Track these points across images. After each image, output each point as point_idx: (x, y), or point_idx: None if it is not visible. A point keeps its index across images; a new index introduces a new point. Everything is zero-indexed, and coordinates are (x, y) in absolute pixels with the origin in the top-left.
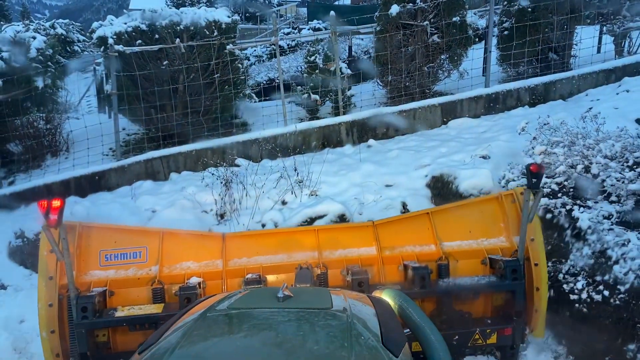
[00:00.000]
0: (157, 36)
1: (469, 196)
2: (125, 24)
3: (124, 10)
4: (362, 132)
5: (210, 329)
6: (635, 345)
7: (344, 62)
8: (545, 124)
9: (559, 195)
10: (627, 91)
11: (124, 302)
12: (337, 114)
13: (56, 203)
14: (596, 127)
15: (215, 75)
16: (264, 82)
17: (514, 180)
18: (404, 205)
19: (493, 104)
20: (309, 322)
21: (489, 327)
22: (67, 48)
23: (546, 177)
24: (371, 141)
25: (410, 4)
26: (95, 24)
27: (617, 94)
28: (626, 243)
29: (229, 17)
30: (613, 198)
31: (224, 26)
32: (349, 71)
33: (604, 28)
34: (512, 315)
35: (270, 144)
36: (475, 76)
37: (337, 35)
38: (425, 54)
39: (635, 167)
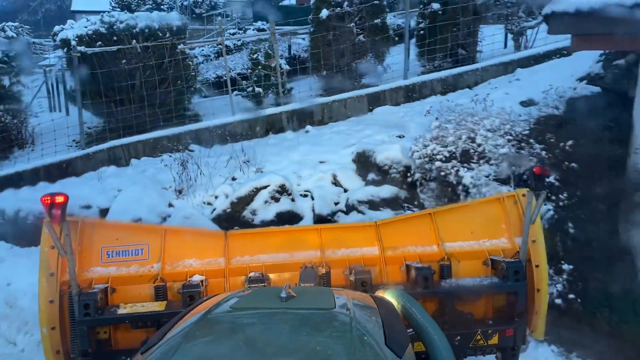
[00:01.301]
0: (115, 38)
1: (384, 166)
2: (86, 27)
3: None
4: (301, 119)
5: (212, 329)
6: None
7: (284, 59)
8: (446, 107)
9: (451, 160)
10: (518, 80)
11: (126, 299)
12: (278, 105)
13: (59, 199)
14: (483, 108)
15: (169, 72)
16: (212, 78)
17: (417, 151)
18: (334, 177)
19: (411, 94)
20: (311, 323)
21: (490, 327)
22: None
23: (440, 145)
24: (308, 127)
25: (338, 8)
26: (57, 28)
27: (510, 82)
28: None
29: (179, 20)
30: (492, 161)
31: (175, 28)
32: (287, 67)
33: (505, 27)
34: (513, 317)
35: (220, 131)
36: (398, 70)
37: (278, 35)
38: (352, 52)
39: (505, 135)
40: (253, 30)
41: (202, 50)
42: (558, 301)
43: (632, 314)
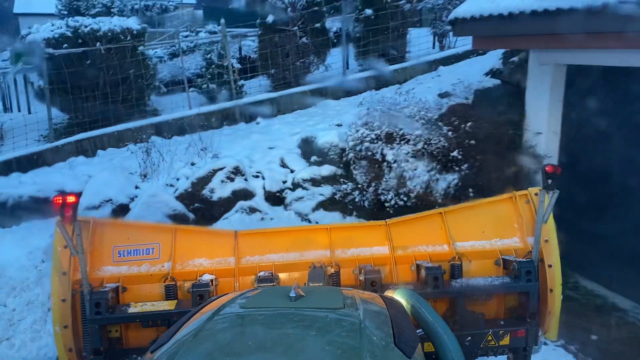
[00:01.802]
0: (80, 40)
1: (324, 149)
2: (52, 31)
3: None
4: (252, 112)
5: (221, 328)
6: None
7: (235, 59)
8: (376, 99)
9: (377, 141)
10: (439, 76)
11: (137, 298)
12: (231, 99)
13: (71, 199)
14: (405, 99)
15: (130, 72)
16: (168, 78)
17: (351, 135)
18: (282, 160)
19: (349, 89)
20: (320, 322)
21: (502, 328)
22: None
23: (369, 130)
24: (259, 119)
25: (283, 14)
26: (24, 31)
27: (433, 78)
28: (416, 168)
29: (139, 24)
30: (410, 142)
31: (135, 32)
32: (239, 66)
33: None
34: (525, 317)
35: (179, 123)
36: (338, 68)
37: (229, 37)
38: (297, 53)
39: (420, 120)
40: (205, 32)
41: (155, 52)
42: None
43: None
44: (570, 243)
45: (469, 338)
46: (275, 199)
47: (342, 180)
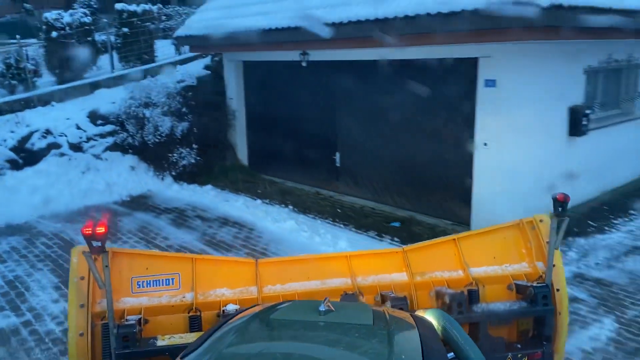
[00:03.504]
0: None
1: (106, 115)
2: None
3: None
4: (49, 99)
5: (251, 337)
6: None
7: (29, 62)
8: (139, 86)
9: (139, 107)
10: (178, 71)
11: (158, 330)
12: (29, 91)
13: (100, 229)
14: (155, 84)
15: None
16: None
17: (123, 105)
18: (77, 125)
19: (117, 81)
20: (349, 337)
21: (519, 351)
22: None
23: (134, 101)
24: (54, 103)
25: (62, 31)
26: None
27: (175, 72)
28: (163, 121)
29: None
30: (159, 106)
31: None
32: (33, 67)
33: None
34: (541, 340)
35: None
36: (108, 68)
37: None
38: (75, 57)
39: (165, 94)
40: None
41: None
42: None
43: (225, 176)
44: (261, 158)
45: None
46: (76, 147)
47: (120, 132)
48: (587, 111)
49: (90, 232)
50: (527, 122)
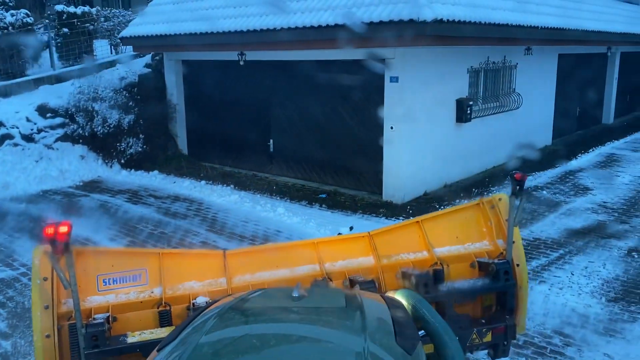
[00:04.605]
0: None
1: (55, 108)
2: None
3: None
4: None
5: (226, 326)
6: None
7: None
8: (87, 82)
9: (88, 101)
10: (117, 69)
11: (128, 327)
12: None
13: (63, 229)
14: (100, 79)
15: None
16: None
17: (72, 100)
18: (27, 118)
19: (59, 78)
20: (323, 320)
21: (484, 326)
22: None
23: (82, 95)
24: (0, 98)
25: (6, 30)
26: None
27: (115, 70)
28: (111, 113)
29: None
30: (105, 100)
31: None
32: None
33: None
34: (503, 314)
35: None
36: (49, 65)
37: None
38: (18, 55)
39: (111, 90)
40: None
41: None
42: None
43: (169, 163)
44: (201, 147)
45: (458, 339)
46: (28, 138)
47: (69, 124)
48: (470, 102)
49: (52, 232)
50: (424, 110)
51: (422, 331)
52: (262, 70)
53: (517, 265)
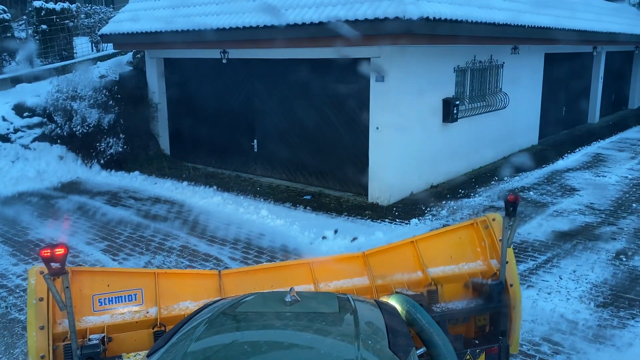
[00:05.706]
0: None
1: (33, 107)
2: None
3: None
4: None
5: (217, 331)
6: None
7: None
8: (64, 80)
9: (66, 100)
10: (98, 67)
11: (123, 347)
12: None
13: (59, 251)
14: (79, 78)
15: None
16: None
17: (50, 98)
18: (3, 117)
19: (36, 76)
20: (316, 325)
21: (478, 347)
22: None
23: (61, 93)
24: None
25: None
26: None
27: (96, 68)
28: (91, 112)
29: None
30: (85, 99)
31: None
32: None
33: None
34: (496, 335)
35: None
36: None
37: None
38: None
39: (91, 88)
40: None
41: None
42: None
43: (150, 163)
44: (183, 147)
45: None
46: (4, 138)
47: (47, 124)
48: (457, 102)
49: (48, 254)
50: (410, 110)
51: (423, 348)
52: (246, 69)
53: (511, 285)
